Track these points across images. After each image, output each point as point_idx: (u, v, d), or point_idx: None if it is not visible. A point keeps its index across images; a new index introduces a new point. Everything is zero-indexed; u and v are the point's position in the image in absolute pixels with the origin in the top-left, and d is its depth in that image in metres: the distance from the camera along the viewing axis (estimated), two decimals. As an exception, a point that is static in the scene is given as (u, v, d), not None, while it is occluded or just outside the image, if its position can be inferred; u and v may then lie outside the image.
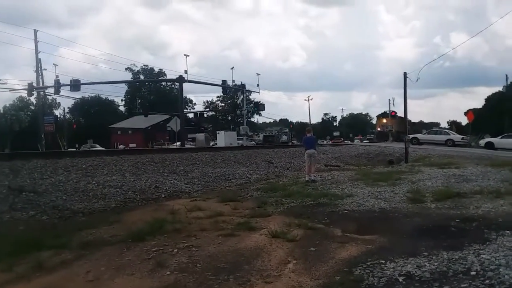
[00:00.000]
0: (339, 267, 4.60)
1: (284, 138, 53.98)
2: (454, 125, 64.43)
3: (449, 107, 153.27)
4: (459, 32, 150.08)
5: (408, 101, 22.42)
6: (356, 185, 10.90)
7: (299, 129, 62.85)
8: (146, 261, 4.96)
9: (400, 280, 4.08)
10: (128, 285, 4.24)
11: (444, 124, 76.18)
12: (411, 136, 32.17)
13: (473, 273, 4.12)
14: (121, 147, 43.95)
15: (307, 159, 12.71)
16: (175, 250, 5.35)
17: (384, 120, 51.85)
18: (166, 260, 4.96)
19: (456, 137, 34.61)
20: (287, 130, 60.67)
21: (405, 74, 21.11)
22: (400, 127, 49.40)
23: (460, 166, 14.47)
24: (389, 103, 63.15)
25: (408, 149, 20.66)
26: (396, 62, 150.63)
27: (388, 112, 53.34)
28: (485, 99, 68.40)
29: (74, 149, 38.36)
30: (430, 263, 4.47)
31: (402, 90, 21.36)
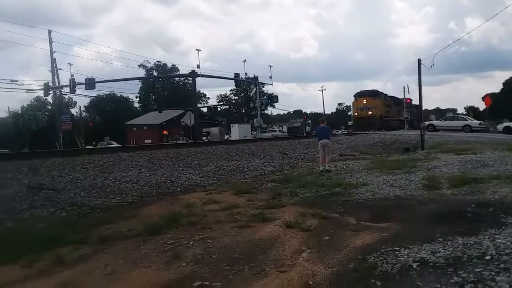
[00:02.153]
0: (353, 255, 4.61)
1: (308, 129, 54.64)
2: (472, 111, 63.31)
3: (466, 92, 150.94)
4: (473, 16, 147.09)
5: (424, 87, 22.20)
6: (371, 174, 10.85)
7: (313, 119, 62.70)
8: (162, 254, 5.05)
9: (414, 266, 4.07)
10: (145, 277, 4.33)
11: (461, 110, 75.07)
12: (427, 122, 31.76)
13: (488, 257, 4.09)
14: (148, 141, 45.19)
15: (320, 149, 12.69)
16: (191, 242, 5.43)
17: (364, 101, 42.80)
18: (182, 252, 5.04)
19: (474, 122, 34.03)
20: (309, 121, 60.78)
21: (419, 60, 20.78)
22: (386, 110, 44.17)
23: (477, 151, 14.25)
24: (404, 90, 61.90)
25: (424, 136, 20.41)
26: (410, 49, 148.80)
27: (369, 90, 44.86)
28: (503, 83, 67.15)
29: (91, 147, 38.94)
30: (445, 249, 4.45)
31: (417, 77, 21.05)
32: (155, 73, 75.38)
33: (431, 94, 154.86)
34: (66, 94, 44.70)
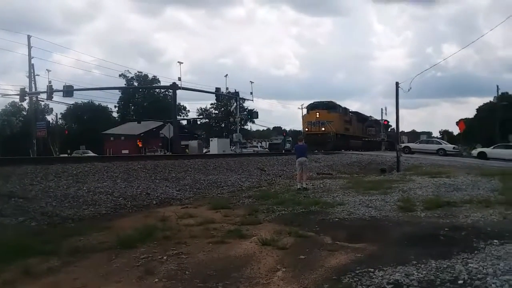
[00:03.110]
0: (328, 275, 4.60)
1: (288, 145, 55.05)
2: (446, 135, 64.98)
3: (441, 116, 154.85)
4: (450, 43, 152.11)
5: (401, 110, 22.91)
6: (348, 194, 10.93)
7: (293, 137, 63.19)
8: (134, 268, 4.93)
9: (388, 288, 4.09)
10: (116, 293, 4.22)
11: (436, 134, 76.80)
12: (403, 145, 32.41)
13: (460, 281, 4.14)
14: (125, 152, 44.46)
15: (298, 167, 12.77)
16: (165, 257, 5.33)
17: (317, 115, 35.89)
18: (155, 267, 4.94)
19: (448, 146, 34.92)
20: (290, 138, 61.25)
21: (397, 83, 21.30)
22: (345, 127, 39.50)
23: (450, 175, 14.57)
24: (382, 112, 62.89)
25: (400, 158, 20.78)
26: (388, 72, 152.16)
27: (324, 102, 38.19)
28: (476, 109, 69.23)
29: (66, 155, 38.13)
30: (419, 271, 4.49)
31: (394, 100, 21.52)
32: (135, 84, 74.78)
33: (407, 117, 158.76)
34: (42, 101, 43.79)
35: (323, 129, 35.26)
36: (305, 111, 40.16)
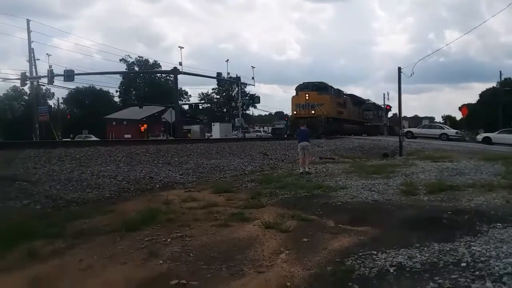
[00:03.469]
0: (331, 257, 4.63)
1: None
2: (449, 120, 64.72)
3: (444, 102, 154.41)
4: (452, 29, 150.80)
5: (403, 95, 22.55)
6: (350, 178, 10.94)
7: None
8: (139, 251, 4.97)
9: (391, 270, 4.12)
10: (120, 274, 4.25)
11: (438, 119, 76.58)
12: (405, 129, 32.34)
13: (463, 264, 4.16)
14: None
15: (300, 152, 12.78)
16: (168, 240, 5.36)
17: (306, 96, 32.53)
18: (159, 249, 4.97)
19: (451, 131, 34.81)
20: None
21: (399, 69, 21.11)
22: (338, 110, 35.93)
23: (453, 159, 14.57)
24: (384, 97, 63.02)
25: (402, 143, 20.74)
26: (390, 57, 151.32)
27: (315, 83, 34.54)
28: (479, 94, 68.81)
29: (69, 139, 38.19)
30: (421, 254, 4.51)
31: (396, 85, 21.36)
32: (136, 68, 74.47)
33: (410, 102, 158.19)
34: (43, 85, 43.63)
35: (312, 112, 31.95)
36: (294, 92, 35.67)
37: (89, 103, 69.27)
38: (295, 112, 34.17)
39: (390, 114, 61.37)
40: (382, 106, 55.38)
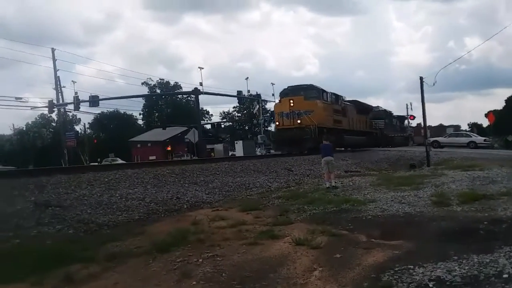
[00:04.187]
0: (366, 273, 4.54)
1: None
2: (475, 127, 63.31)
3: (469, 109, 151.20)
4: (472, 35, 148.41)
5: (426, 105, 22.21)
6: (379, 190, 10.76)
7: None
8: (171, 272, 4.98)
9: (430, 285, 4.01)
10: (156, 296, 4.27)
11: (464, 127, 74.91)
12: (431, 139, 31.74)
13: (505, 275, 4.02)
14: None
15: (324, 166, 12.69)
16: (200, 260, 5.36)
17: (291, 103, 26.37)
18: (192, 270, 4.97)
19: (478, 139, 34.05)
20: None
21: (421, 78, 20.95)
22: (333, 119, 29.52)
23: (484, 168, 14.17)
24: (407, 108, 61.63)
25: (429, 153, 20.37)
26: (410, 68, 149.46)
27: (302, 86, 28.57)
28: (505, 100, 67.24)
29: (96, 163, 39.01)
30: (461, 267, 4.38)
31: (419, 95, 21.14)
32: (158, 91, 75.95)
33: (433, 111, 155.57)
34: (70, 111, 45.02)
35: (298, 121, 26.08)
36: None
37: (114, 127, 70.86)
38: (277, 123, 28.28)
39: (413, 124, 60.36)
40: (398, 115, 52.68)
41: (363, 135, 37.01)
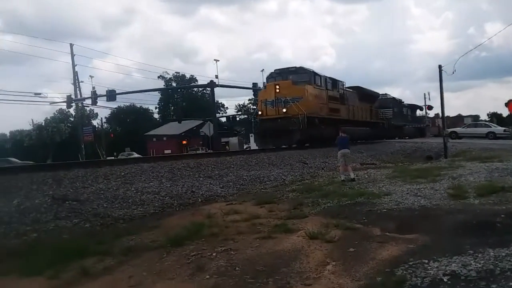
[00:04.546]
0: (380, 267, 4.50)
1: None
2: (495, 117, 62.04)
3: (488, 98, 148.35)
4: (493, 21, 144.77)
5: (445, 94, 21.85)
6: (394, 183, 10.65)
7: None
8: (185, 266, 5.03)
9: (445, 280, 3.95)
10: (169, 290, 4.31)
11: (484, 117, 73.51)
12: (449, 130, 31.21)
13: (522, 270, 3.94)
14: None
15: (340, 159, 12.60)
16: (214, 254, 5.39)
17: (277, 88, 22.71)
18: (205, 264, 5.01)
19: (498, 129, 33.35)
20: None
21: (440, 66, 20.55)
22: (329, 107, 25.83)
23: (503, 159, 13.90)
24: (425, 97, 60.23)
25: (447, 144, 20.05)
26: (429, 56, 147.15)
27: (290, 69, 24.39)
28: (527, 88, 65.58)
29: (113, 157, 39.52)
30: (476, 261, 4.31)
31: (437, 84, 20.74)
32: (174, 84, 76.31)
33: (452, 100, 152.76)
34: (88, 106, 45.68)
35: (284, 110, 22.45)
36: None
37: (130, 121, 71.54)
38: (260, 112, 24.11)
39: (431, 114, 59.18)
40: (409, 103, 48.81)
41: (367, 126, 32.86)
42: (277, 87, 22.80)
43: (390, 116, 38.20)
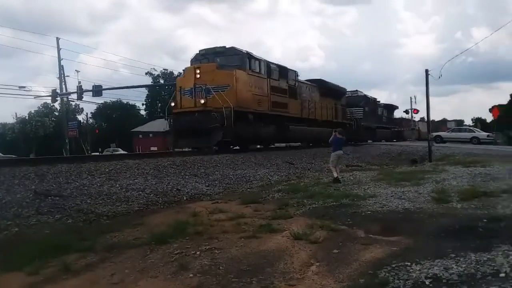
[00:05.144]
0: (363, 269, 4.53)
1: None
2: (479, 122, 63.10)
3: (474, 103, 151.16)
4: (480, 26, 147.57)
5: (431, 98, 22.12)
6: (379, 186, 10.74)
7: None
8: (169, 264, 4.99)
9: (427, 283, 3.99)
10: (152, 288, 4.27)
11: (468, 121, 74.67)
12: (434, 134, 31.62)
13: (502, 275, 4.00)
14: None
15: (334, 160, 12.53)
16: (198, 253, 5.36)
17: (197, 73, 17.89)
18: (189, 262, 4.98)
19: (482, 134, 33.96)
20: None
21: (426, 71, 20.77)
22: (272, 101, 20.97)
23: (486, 164, 14.12)
24: (411, 101, 60.97)
25: (431, 148, 20.31)
26: (416, 59, 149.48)
27: (217, 49, 19.68)
28: (511, 94, 66.93)
29: (97, 153, 39.09)
30: (458, 265, 4.36)
31: (424, 88, 20.96)
32: (161, 81, 75.86)
33: (438, 105, 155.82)
34: (73, 101, 45.19)
35: (202, 101, 17.60)
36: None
37: (116, 117, 70.93)
38: (172, 104, 19.34)
39: (417, 118, 59.51)
40: (386, 103, 46.20)
41: (330, 126, 24.85)
42: (197, 71, 17.95)
43: (361, 116, 34.06)
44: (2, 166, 11.65)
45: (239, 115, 18.18)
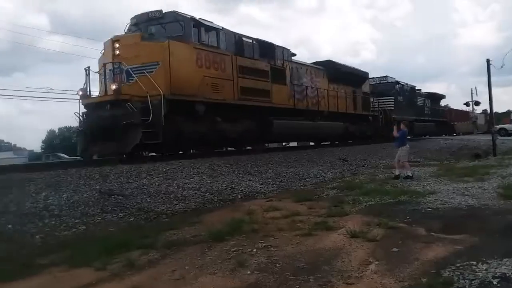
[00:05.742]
0: (425, 268, 4.37)
1: None
2: (549, 113, 58.68)
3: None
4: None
5: (493, 89, 20.91)
6: (439, 182, 10.31)
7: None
8: (226, 261, 5.08)
9: (495, 282, 3.79)
10: (212, 284, 4.38)
11: (536, 112, 69.56)
12: (498, 126, 29.80)
13: None
14: None
15: (406, 154, 12.17)
16: (254, 250, 5.42)
17: (117, 49, 13.06)
18: (246, 260, 5.04)
19: (552, 125, 31.51)
20: None
21: (488, 61, 19.70)
22: (236, 85, 15.87)
23: (558, 157, 13.13)
24: (471, 93, 57.68)
25: (495, 141, 19.20)
26: (476, 49, 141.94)
27: (150, 14, 14.27)
28: None
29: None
30: (528, 264, 4.10)
31: (485, 78, 19.89)
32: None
33: (500, 96, 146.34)
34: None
35: (113, 87, 12.72)
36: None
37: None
38: (80, 93, 14.08)
39: (479, 110, 56.24)
40: (429, 91, 38.62)
41: (345, 120, 22.86)
42: (117, 45, 13.24)
43: (391, 107, 28.21)
44: (69, 167, 12.38)
45: (177, 106, 13.43)
